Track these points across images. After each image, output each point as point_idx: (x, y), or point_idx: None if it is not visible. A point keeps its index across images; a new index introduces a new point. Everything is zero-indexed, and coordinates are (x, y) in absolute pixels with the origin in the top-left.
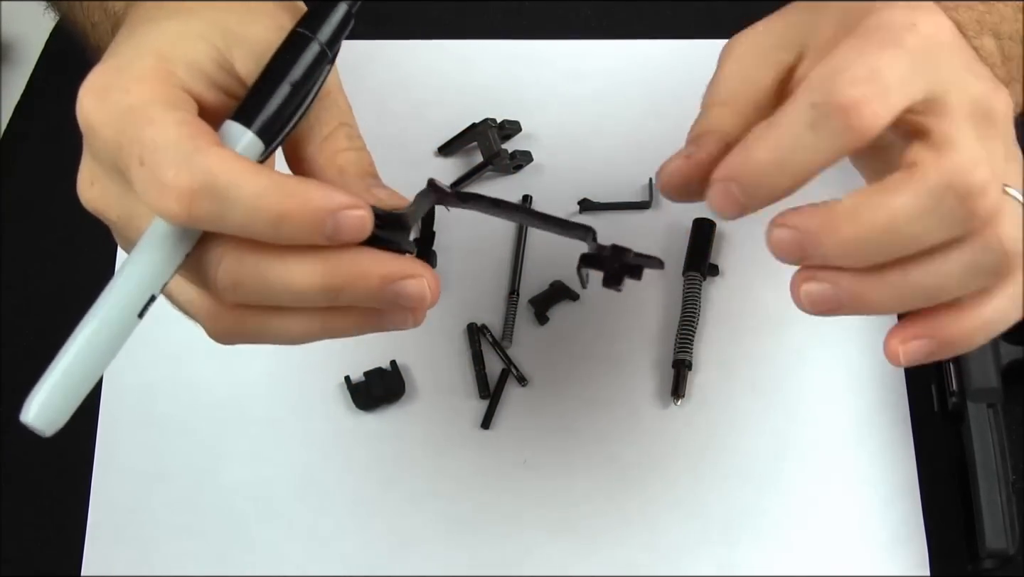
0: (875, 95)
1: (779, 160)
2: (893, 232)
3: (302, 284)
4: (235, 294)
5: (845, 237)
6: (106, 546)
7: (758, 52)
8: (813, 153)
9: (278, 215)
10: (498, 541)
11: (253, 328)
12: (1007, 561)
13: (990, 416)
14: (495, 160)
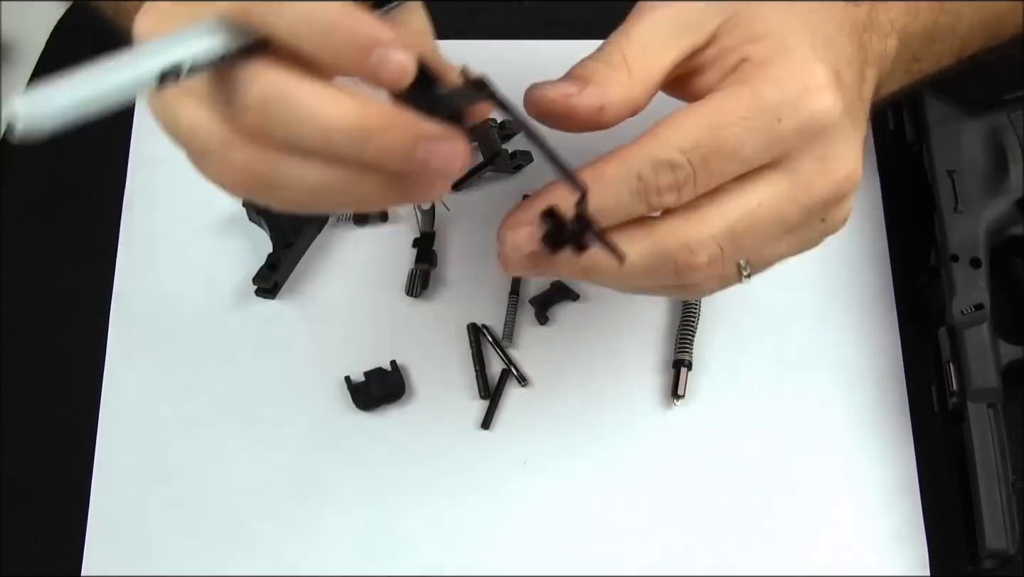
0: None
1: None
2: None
3: (333, 118)
4: (261, 115)
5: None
6: (106, 546)
7: (671, 29)
8: (626, 213)
9: (328, 24)
10: (498, 541)
11: (265, 168)
12: (1007, 561)
13: (990, 416)
14: (495, 160)
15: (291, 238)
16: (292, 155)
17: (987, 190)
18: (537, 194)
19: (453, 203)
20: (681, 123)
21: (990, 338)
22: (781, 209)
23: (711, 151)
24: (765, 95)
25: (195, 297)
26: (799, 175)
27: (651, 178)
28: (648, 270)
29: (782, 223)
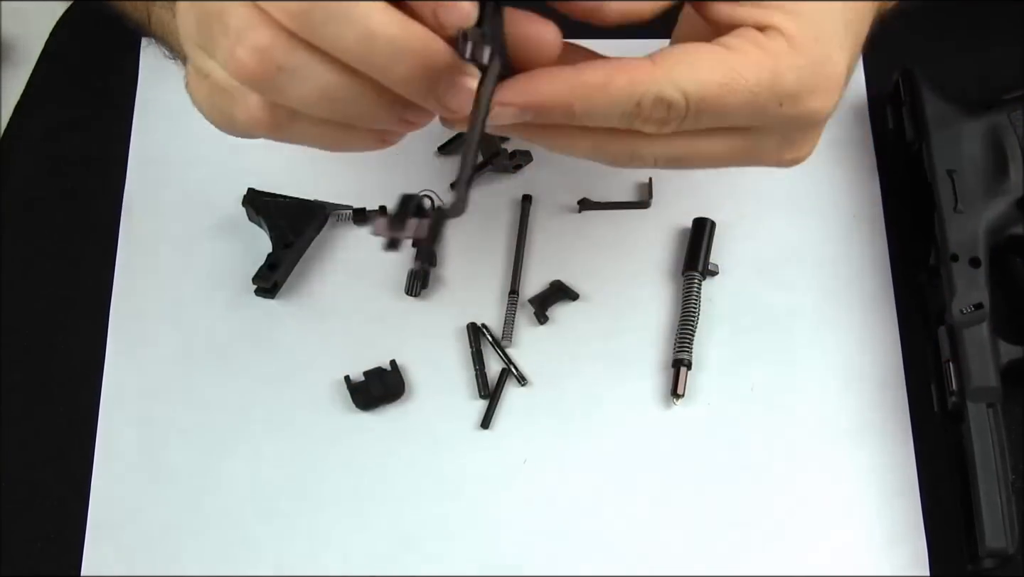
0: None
1: (579, 113)
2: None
3: (380, 24)
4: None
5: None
6: (106, 546)
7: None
8: (604, 122)
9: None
10: (498, 541)
11: (284, 55)
12: (1007, 561)
13: (990, 416)
14: (495, 160)
15: (291, 238)
16: (315, 51)
17: (987, 190)
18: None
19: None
20: (696, 67)
21: (990, 338)
22: (720, 157)
23: (711, 105)
24: (783, 80)
25: (195, 297)
26: (762, 146)
27: (648, 109)
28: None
29: (716, 164)
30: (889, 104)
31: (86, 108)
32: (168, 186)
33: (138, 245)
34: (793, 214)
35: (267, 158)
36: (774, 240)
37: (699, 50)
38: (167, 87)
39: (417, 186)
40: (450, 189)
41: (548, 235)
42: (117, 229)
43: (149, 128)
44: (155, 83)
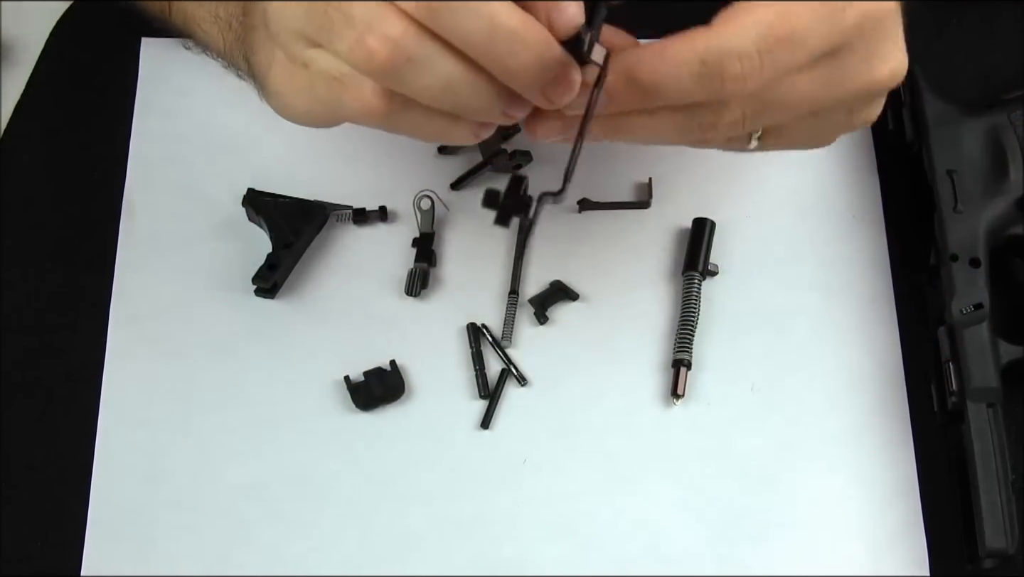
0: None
1: (653, 87)
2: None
3: (503, 16)
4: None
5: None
6: (106, 546)
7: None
8: (687, 93)
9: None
10: (498, 541)
11: (415, 46)
12: (1007, 560)
13: (990, 416)
14: (495, 160)
15: (291, 238)
16: (441, 43)
17: (987, 190)
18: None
19: (452, 203)
20: (751, 11)
21: (990, 338)
22: (816, 95)
23: (779, 40)
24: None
25: (195, 297)
26: (846, 69)
27: (716, 64)
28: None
29: (814, 104)
30: (889, 104)
31: (86, 108)
32: (168, 186)
33: (138, 245)
34: (793, 214)
35: (267, 158)
36: (774, 240)
37: (751, 3)
38: (167, 87)
39: (417, 186)
40: (450, 189)
41: (548, 235)
42: (117, 229)
43: (149, 128)
44: (155, 83)
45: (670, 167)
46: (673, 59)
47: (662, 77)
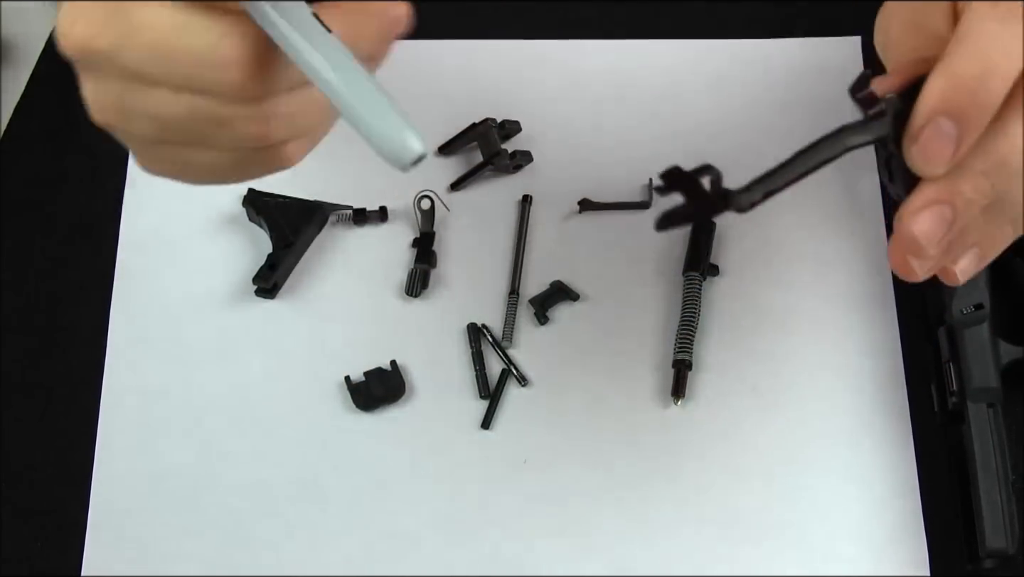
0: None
1: (983, 74)
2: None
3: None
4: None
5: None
6: (106, 546)
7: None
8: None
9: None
10: (498, 541)
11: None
12: (1007, 561)
13: (990, 416)
14: (495, 160)
15: (291, 238)
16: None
17: None
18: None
19: (452, 203)
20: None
21: (990, 338)
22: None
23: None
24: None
25: (195, 297)
26: None
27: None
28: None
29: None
30: None
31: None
32: (168, 186)
33: (138, 246)
34: (793, 214)
35: None
36: (774, 240)
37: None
38: None
39: (417, 186)
40: (450, 189)
41: (548, 235)
42: (117, 230)
43: None
44: None
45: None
46: (962, 68)
47: (953, 93)
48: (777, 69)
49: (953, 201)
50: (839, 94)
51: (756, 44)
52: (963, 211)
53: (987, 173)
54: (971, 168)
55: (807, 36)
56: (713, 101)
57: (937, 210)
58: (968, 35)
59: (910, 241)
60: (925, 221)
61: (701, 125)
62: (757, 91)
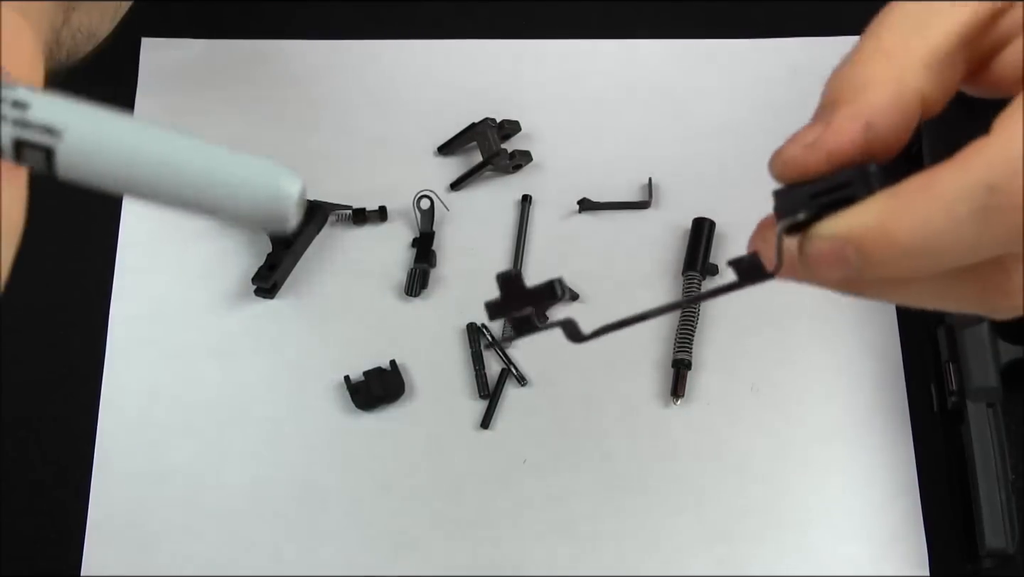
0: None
1: (922, 244)
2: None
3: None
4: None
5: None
6: (106, 546)
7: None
8: (970, 248)
9: None
10: (498, 541)
11: None
12: (1007, 560)
13: (990, 416)
14: (495, 160)
15: (290, 238)
16: None
17: None
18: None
19: (452, 203)
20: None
21: (989, 337)
22: None
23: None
24: None
25: (195, 297)
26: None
27: (1011, 187)
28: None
29: None
30: None
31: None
32: None
33: (138, 245)
34: None
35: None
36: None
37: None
38: (167, 87)
39: (417, 186)
40: (450, 189)
41: (548, 235)
42: (117, 229)
43: None
44: (155, 83)
45: (670, 167)
46: (945, 194)
47: (929, 227)
48: (777, 69)
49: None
50: None
51: (756, 44)
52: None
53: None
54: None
55: (806, 36)
56: (713, 101)
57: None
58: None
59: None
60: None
61: (701, 125)
62: (757, 91)
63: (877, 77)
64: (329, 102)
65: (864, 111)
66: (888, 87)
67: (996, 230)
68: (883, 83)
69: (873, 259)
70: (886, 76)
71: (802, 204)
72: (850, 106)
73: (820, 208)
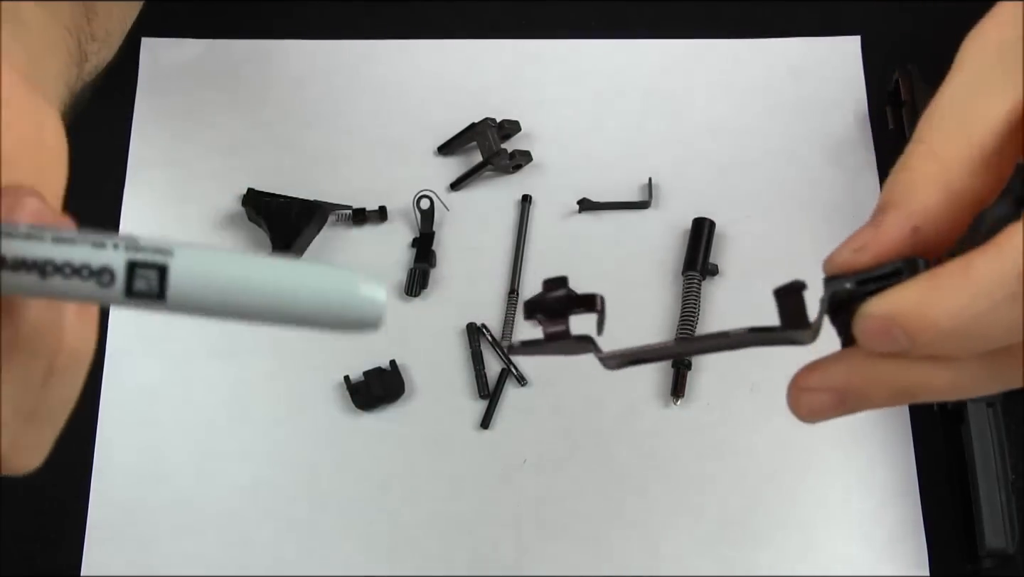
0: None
1: (962, 328)
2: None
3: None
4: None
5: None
6: (106, 546)
7: (993, 66)
8: (1007, 330)
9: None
10: (498, 541)
11: None
12: (1007, 561)
13: (990, 416)
14: (494, 160)
15: (291, 238)
16: None
17: None
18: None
19: (452, 203)
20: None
21: None
22: None
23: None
24: None
25: None
26: None
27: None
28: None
29: None
30: (889, 104)
31: (86, 108)
32: (168, 186)
33: None
34: (793, 214)
35: (267, 158)
36: (774, 240)
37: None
38: (167, 87)
39: (417, 186)
40: (450, 189)
41: (548, 235)
42: (117, 229)
43: (149, 128)
44: (155, 83)
45: (670, 167)
46: (981, 280)
47: (967, 312)
48: (777, 69)
49: (847, 401)
50: (839, 94)
51: (756, 44)
52: (857, 407)
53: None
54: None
55: (807, 36)
56: (713, 101)
57: (830, 400)
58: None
59: (794, 409)
60: (814, 401)
61: (701, 125)
62: (757, 91)
63: (926, 180)
64: (329, 102)
65: (913, 215)
66: (937, 189)
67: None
68: (931, 185)
69: (918, 340)
70: (935, 179)
71: (849, 283)
72: (899, 209)
73: (868, 291)
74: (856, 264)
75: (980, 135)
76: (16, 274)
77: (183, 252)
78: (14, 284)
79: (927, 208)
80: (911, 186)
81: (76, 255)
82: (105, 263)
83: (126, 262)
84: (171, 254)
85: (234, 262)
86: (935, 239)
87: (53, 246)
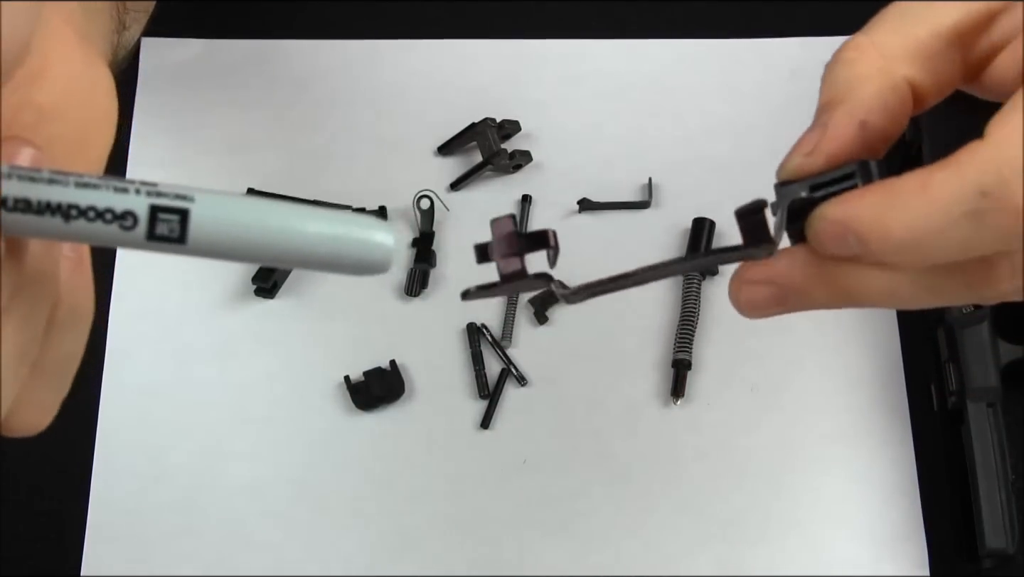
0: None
1: (915, 241)
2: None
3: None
4: None
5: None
6: (106, 546)
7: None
8: (961, 247)
9: None
10: (498, 541)
11: None
12: (1007, 561)
13: (990, 416)
14: (494, 160)
15: None
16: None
17: None
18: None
19: (452, 203)
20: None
21: (989, 337)
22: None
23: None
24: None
25: (195, 297)
26: None
27: (1002, 193)
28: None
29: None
30: None
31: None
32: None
33: None
34: None
35: (267, 158)
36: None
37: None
38: (167, 87)
39: (417, 186)
40: (450, 189)
41: None
42: None
43: (148, 128)
44: (155, 83)
45: (670, 167)
46: (939, 196)
47: (923, 225)
48: (777, 69)
49: (787, 298)
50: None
51: (756, 44)
52: (797, 305)
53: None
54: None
55: (807, 36)
56: (713, 101)
57: (770, 294)
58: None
59: (734, 302)
60: (755, 294)
61: (701, 125)
62: (757, 91)
63: (867, 71)
64: (329, 102)
65: (858, 109)
66: (878, 79)
67: (987, 232)
68: (875, 78)
69: (871, 247)
70: (878, 71)
71: (803, 190)
72: (844, 105)
73: (821, 197)
74: (808, 168)
75: (924, 31)
76: (41, 218)
77: (203, 197)
78: (38, 227)
79: (872, 101)
80: (854, 81)
81: (100, 199)
82: (128, 207)
83: (149, 207)
84: (192, 200)
85: (252, 207)
86: (882, 135)
87: (77, 191)
